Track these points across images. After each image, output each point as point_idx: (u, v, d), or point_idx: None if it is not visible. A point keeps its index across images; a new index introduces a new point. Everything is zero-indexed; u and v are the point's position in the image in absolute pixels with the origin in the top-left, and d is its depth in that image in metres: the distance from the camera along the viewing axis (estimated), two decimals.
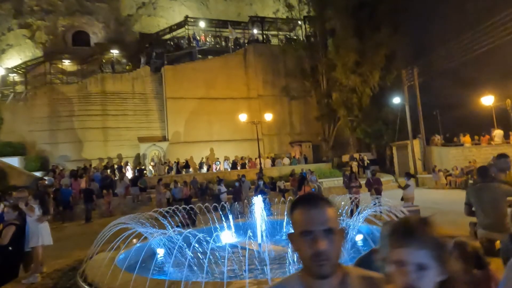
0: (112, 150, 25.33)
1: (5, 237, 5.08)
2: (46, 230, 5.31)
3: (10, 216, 5.31)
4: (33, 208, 5.19)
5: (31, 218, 5.16)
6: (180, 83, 26.19)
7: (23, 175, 20.95)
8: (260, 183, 10.04)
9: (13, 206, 5.39)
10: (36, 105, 24.74)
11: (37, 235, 5.13)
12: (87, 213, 14.10)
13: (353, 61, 20.77)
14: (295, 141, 28.65)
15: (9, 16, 27.25)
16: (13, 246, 5.16)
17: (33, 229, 5.14)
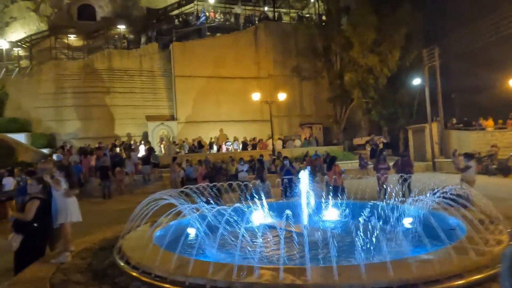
0: (120, 128, 24.87)
1: (29, 212, 4.65)
2: (74, 205, 4.90)
3: (34, 189, 4.85)
4: (59, 181, 4.75)
5: (57, 192, 4.73)
6: (189, 60, 25.43)
7: (30, 152, 20.60)
8: (286, 162, 9.58)
9: (37, 179, 4.93)
10: (42, 80, 24.11)
11: (65, 211, 4.72)
12: (105, 189, 13.86)
13: (372, 39, 19.95)
14: (306, 123, 28.10)
15: None
16: (39, 223, 4.75)
17: (60, 204, 4.73)
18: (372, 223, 4.83)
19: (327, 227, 5.45)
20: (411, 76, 19.72)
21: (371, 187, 9.95)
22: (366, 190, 8.93)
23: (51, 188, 4.86)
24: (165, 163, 19.00)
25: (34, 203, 4.69)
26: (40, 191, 4.87)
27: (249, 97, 25.73)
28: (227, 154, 21.32)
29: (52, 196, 4.85)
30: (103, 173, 14.07)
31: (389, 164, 10.00)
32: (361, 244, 4.23)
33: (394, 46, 19.88)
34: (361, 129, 27.19)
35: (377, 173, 9.93)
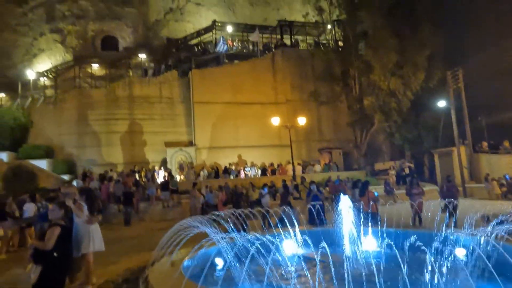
0: (139, 154, 24.99)
1: (50, 241, 4.34)
2: (97, 233, 4.59)
3: (55, 215, 4.53)
4: (82, 206, 4.46)
5: (80, 219, 4.43)
6: (207, 87, 25.74)
7: (51, 178, 20.80)
8: (313, 187, 9.09)
9: (59, 204, 4.64)
10: (65, 108, 24.77)
11: (88, 239, 4.40)
12: (126, 216, 13.66)
13: (393, 62, 19.71)
14: (325, 147, 27.58)
15: (41, 22, 27.66)
16: (59, 252, 4.44)
17: (83, 232, 4.42)
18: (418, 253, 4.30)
19: (369, 258, 4.92)
20: (435, 98, 19.20)
21: (405, 213, 9.31)
22: (400, 216, 8.32)
23: (73, 214, 4.57)
24: (183, 188, 18.75)
25: (55, 231, 4.39)
26: (62, 217, 4.58)
27: (267, 122, 25.62)
28: (247, 179, 20.92)
29: (74, 223, 4.55)
30: (127, 199, 13.94)
31: (423, 189, 9.38)
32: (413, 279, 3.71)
33: (417, 68, 19.55)
34: (383, 154, 26.44)
35: (410, 198, 9.30)
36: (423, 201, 9.05)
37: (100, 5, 28.09)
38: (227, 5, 32.67)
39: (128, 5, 28.88)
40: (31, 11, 27.66)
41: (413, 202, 9.08)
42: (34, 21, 27.73)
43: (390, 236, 6.01)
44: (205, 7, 32.05)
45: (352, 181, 12.98)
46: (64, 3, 27.69)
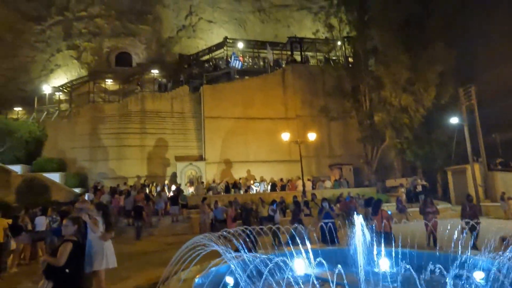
0: (149, 168, 25.18)
1: (62, 257, 4.33)
2: (110, 249, 4.58)
3: (69, 230, 4.49)
4: (98, 222, 4.47)
5: (94, 235, 4.44)
6: (218, 102, 26.03)
7: (63, 191, 21.05)
8: (325, 204, 8.95)
9: (73, 219, 4.64)
10: (79, 122, 25.26)
11: (102, 256, 4.40)
12: (137, 230, 13.71)
13: (404, 78, 19.67)
14: (335, 163, 27.36)
15: (59, 38, 28.58)
16: (71, 268, 4.43)
17: (97, 248, 4.42)
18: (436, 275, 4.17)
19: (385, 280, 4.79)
20: (447, 115, 18.99)
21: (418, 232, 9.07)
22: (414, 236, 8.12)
23: (86, 230, 4.59)
24: (193, 203, 18.74)
25: (67, 247, 4.39)
26: (75, 232, 4.59)
27: (277, 137, 25.67)
28: (256, 195, 20.82)
29: (87, 239, 4.56)
30: (137, 213, 14.00)
31: (437, 208, 9.17)
32: None
33: (428, 84, 19.45)
34: (394, 170, 26.07)
35: (424, 217, 9.08)
36: (437, 220, 8.83)
37: (115, 23, 28.95)
38: (238, 22, 33.32)
39: (142, 23, 29.70)
40: (50, 29, 28.64)
41: (427, 222, 8.87)
42: (52, 38, 28.67)
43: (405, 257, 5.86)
44: (217, 24, 32.74)
45: (364, 199, 12.77)
46: (81, 21, 28.64)
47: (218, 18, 32.72)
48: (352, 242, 5.04)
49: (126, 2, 29.06)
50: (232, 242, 5.87)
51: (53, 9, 28.45)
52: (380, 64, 21.31)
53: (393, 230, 8.94)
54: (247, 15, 33.30)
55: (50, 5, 28.51)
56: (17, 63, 28.04)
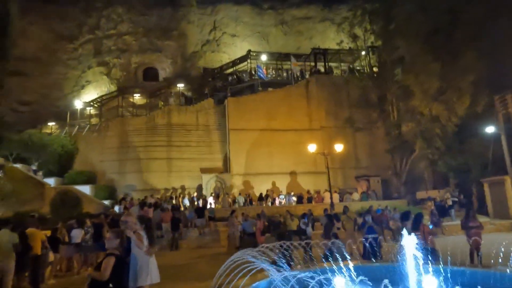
0: (175, 180, 25.46)
1: (106, 271, 4.31)
2: (154, 264, 4.56)
3: (112, 244, 4.43)
4: (142, 237, 4.47)
5: (139, 250, 4.43)
6: (243, 114, 26.17)
7: (93, 203, 21.56)
8: (367, 218, 8.63)
9: (116, 232, 4.60)
10: (108, 136, 26.02)
11: (147, 271, 4.38)
12: (175, 241, 13.94)
13: (435, 87, 19.12)
14: (361, 175, 26.72)
15: (90, 56, 29.86)
16: (114, 282, 4.43)
17: (141, 263, 4.41)
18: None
19: None
20: (482, 124, 18.21)
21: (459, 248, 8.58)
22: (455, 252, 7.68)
23: (130, 244, 4.59)
24: (219, 216, 18.72)
25: (110, 261, 4.38)
26: (117, 246, 4.57)
27: (302, 149, 25.44)
28: (282, 207, 20.57)
29: (132, 254, 4.55)
30: (174, 224, 14.30)
31: (480, 222, 8.68)
32: None
33: (461, 93, 18.81)
34: (425, 182, 25.16)
35: (466, 232, 8.61)
36: (481, 235, 8.34)
37: (142, 40, 29.98)
38: (261, 35, 33.72)
39: (168, 39, 30.61)
40: (81, 47, 30.00)
41: (468, 237, 8.40)
42: (83, 55, 29.99)
43: (455, 276, 5.52)
44: (240, 38, 33.26)
45: (400, 213, 12.31)
46: (111, 39, 29.83)
47: (241, 32, 33.25)
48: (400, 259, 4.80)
49: (153, 19, 30.10)
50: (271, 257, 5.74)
51: (84, 28, 29.85)
52: (409, 73, 20.82)
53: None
54: (270, 28, 33.67)
55: (82, 24, 29.95)
56: (51, 80, 29.41)
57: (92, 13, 29.93)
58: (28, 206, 19.66)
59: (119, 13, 29.98)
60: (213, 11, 32.44)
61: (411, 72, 20.46)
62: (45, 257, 8.57)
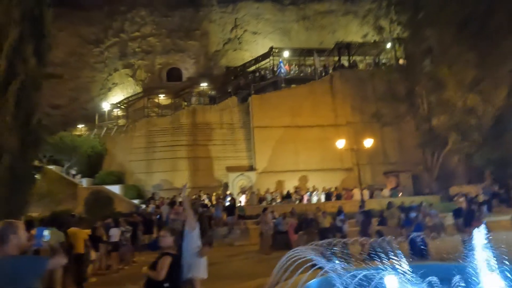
0: (201, 179, 25.62)
1: (162, 270, 4.24)
2: (204, 262, 4.49)
3: (167, 242, 4.36)
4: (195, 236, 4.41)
5: (191, 247, 4.38)
6: (267, 112, 25.98)
7: (123, 202, 22.03)
8: (412, 215, 8.28)
9: (171, 230, 4.54)
10: (135, 136, 26.49)
11: (199, 264, 4.32)
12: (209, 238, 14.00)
13: (471, 77, 18.28)
14: (390, 171, 25.99)
15: (115, 59, 30.51)
16: (170, 282, 4.38)
17: (192, 261, 4.34)
18: None
19: None
20: None
21: None
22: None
23: (182, 241, 4.53)
24: (248, 213, 18.68)
25: (167, 260, 4.31)
26: (172, 244, 4.50)
27: (327, 145, 25.06)
28: (311, 205, 20.30)
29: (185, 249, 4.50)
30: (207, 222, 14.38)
31: None
32: None
33: (498, 83, 17.90)
34: (458, 177, 24.19)
35: None
36: None
37: (166, 41, 30.34)
38: (283, 32, 33.40)
39: (191, 39, 30.84)
40: (107, 50, 30.69)
41: None
42: (109, 58, 30.68)
43: None
44: (261, 35, 33.08)
45: (453, 210, 11.78)
46: (135, 41, 30.36)
47: (263, 29, 33.06)
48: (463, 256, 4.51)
49: (176, 20, 30.39)
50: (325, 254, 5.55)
51: (110, 32, 30.52)
52: (441, 64, 19.98)
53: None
54: (292, 24, 33.30)
55: (107, 28, 30.64)
56: (79, 83, 30.28)
57: (117, 17, 30.55)
58: (62, 205, 20.34)
59: (143, 15, 30.46)
60: (234, 9, 32.41)
61: (443, 63, 19.61)
62: (88, 255, 8.73)
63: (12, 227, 2.87)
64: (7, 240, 2.81)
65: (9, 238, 2.81)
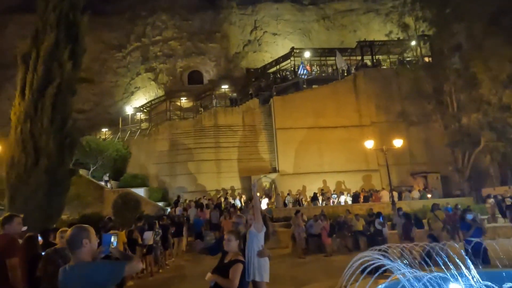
0: (225, 181, 25.55)
1: (235, 280, 3.89)
2: (267, 264, 4.29)
3: (232, 246, 4.08)
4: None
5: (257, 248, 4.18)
6: (289, 113, 25.70)
7: (149, 205, 22.12)
8: (469, 216, 7.81)
9: (236, 233, 4.27)
10: (158, 139, 26.68)
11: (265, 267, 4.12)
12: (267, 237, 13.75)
13: (507, 73, 17.52)
14: (418, 172, 25.25)
15: (138, 63, 30.90)
16: None
17: (259, 264, 4.15)
18: None
19: None
20: None
21: None
22: None
23: (244, 244, 4.33)
24: (275, 216, 18.43)
25: (239, 268, 3.99)
26: (237, 249, 4.25)
27: (352, 146, 24.64)
28: (337, 207, 19.87)
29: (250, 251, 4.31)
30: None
31: None
32: None
33: None
34: (490, 178, 23.24)
35: None
36: None
37: (187, 44, 30.53)
38: (303, 32, 33.11)
39: (211, 41, 30.93)
40: (129, 55, 31.13)
41: None
42: (131, 63, 31.09)
43: None
44: (281, 36, 32.87)
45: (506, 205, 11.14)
46: (157, 45, 30.68)
47: (282, 30, 32.86)
48: None
49: (196, 23, 30.55)
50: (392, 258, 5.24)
51: (132, 37, 30.95)
52: (475, 59, 19.23)
53: None
54: (312, 24, 32.97)
55: (129, 33, 31.09)
56: (103, 88, 30.80)
57: (138, 22, 30.96)
58: (89, 208, 20.61)
59: (164, 19, 30.76)
60: (254, 11, 32.35)
61: (477, 58, 18.86)
62: None
63: (85, 231, 2.71)
64: (80, 245, 2.64)
65: (82, 243, 2.64)
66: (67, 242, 2.68)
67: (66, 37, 10.41)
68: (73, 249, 2.66)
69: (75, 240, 2.67)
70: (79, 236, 2.68)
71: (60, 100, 10.08)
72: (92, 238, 2.74)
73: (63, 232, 4.68)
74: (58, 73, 10.05)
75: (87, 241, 2.68)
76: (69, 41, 10.46)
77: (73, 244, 2.67)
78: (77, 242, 2.66)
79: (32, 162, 9.34)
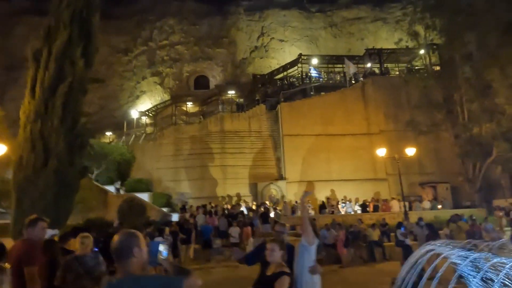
0: (230, 188, 25.11)
1: None
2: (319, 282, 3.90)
3: (275, 257, 3.67)
4: None
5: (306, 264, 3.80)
6: (296, 120, 25.38)
7: (154, 210, 21.62)
8: (489, 226, 7.40)
9: (280, 243, 3.82)
10: (163, 144, 26.32)
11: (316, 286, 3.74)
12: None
13: None
14: (427, 182, 24.82)
15: (144, 67, 30.72)
16: None
17: (310, 281, 3.77)
18: None
19: None
20: None
21: None
22: None
23: (289, 257, 3.93)
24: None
25: (286, 281, 3.54)
26: (281, 260, 3.81)
27: (360, 154, 24.32)
28: (347, 216, 19.42)
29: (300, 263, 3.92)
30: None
31: None
32: None
33: None
34: (501, 189, 22.81)
35: None
36: None
37: (194, 48, 30.39)
38: (310, 39, 33.01)
39: (218, 47, 30.80)
40: (136, 59, 30.96)
41: None
42: (137, 67, 30.91)
43: None
44: (288, 43, 32.76)
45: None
46: (163, 49, 30.53)
47: (290, 36, 32.77)
48: None
49: (203, 28, 30.46)
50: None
51: (138, 41, 30.83)
52: (488, 68, 18.99)
53: None
54: (319, 31, 32.88)
55: (136, 37, 30.98)
56: (108, 91, 30.53)
57: (145, 26, 30.88)
58: (93, 213, 20.12)
59: (171, 24, 30.68)
60: (261, 17, 32.30)
61: (493, 66, 18.60)
62: None
63: (135, 238, 2.30)
64: (129, 255, 2.23)
65: (132, 252, 2.23)
66: (114, 251, 2.25)
67: (79, 35, 10.11)
68: (121, 259, 2.25)
69: (124, 248, 2.26)
70: (129, 244, 2.27)
71: (71, 99, 9.74)
72: (143, 247, 2.33)
73: (84, 238, 4.29)
74: (70, 71, 9.73)
75: (137, 250, 2.27)
76: (82, 39, 10.16)
77: (122, 253, 2.25)
78: (127, 251, 2.25)
79: (41, 162, 8.96)
